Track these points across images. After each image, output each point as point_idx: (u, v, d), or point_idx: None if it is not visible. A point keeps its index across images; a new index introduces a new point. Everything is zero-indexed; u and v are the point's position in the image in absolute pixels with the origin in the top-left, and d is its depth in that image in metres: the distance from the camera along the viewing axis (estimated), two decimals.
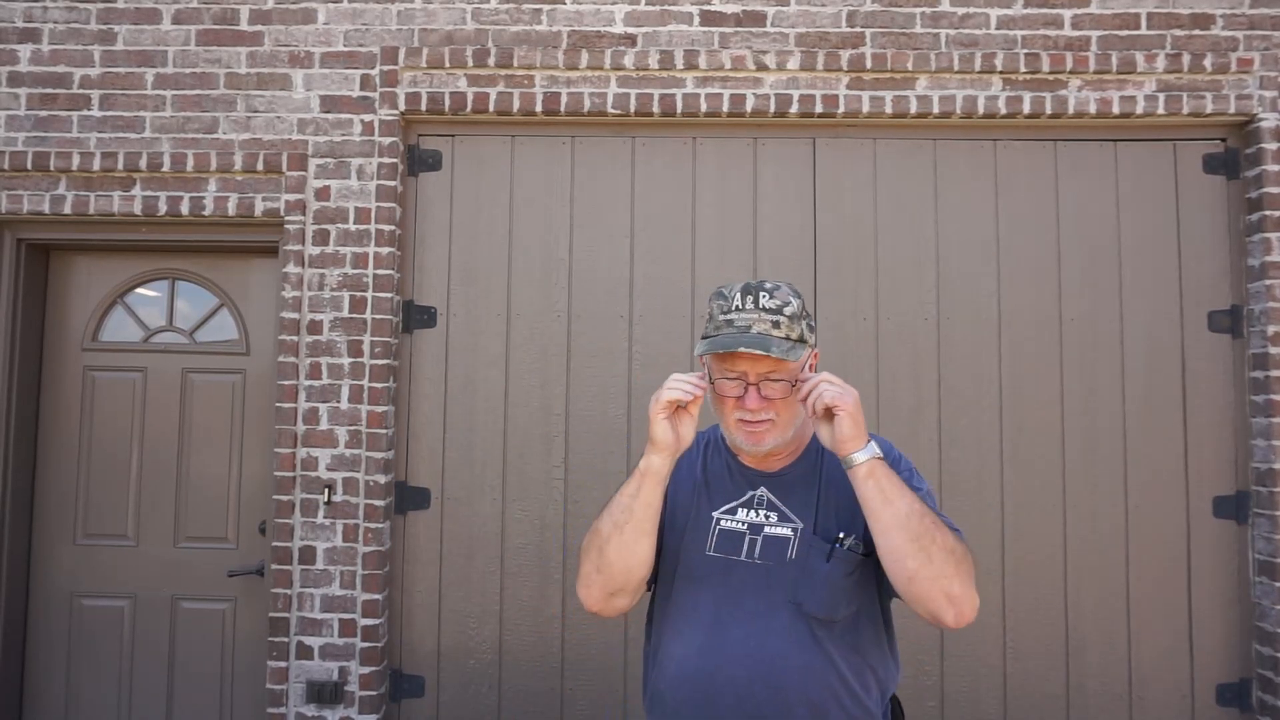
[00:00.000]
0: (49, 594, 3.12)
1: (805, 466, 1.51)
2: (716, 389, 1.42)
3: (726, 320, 1.39)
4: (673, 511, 1.50)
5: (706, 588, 1.45)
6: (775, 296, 1.40)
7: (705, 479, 1.53)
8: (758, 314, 1.38)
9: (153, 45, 3.05)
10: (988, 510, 2.95)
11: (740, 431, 1.42)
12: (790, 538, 1.45)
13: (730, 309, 1.40)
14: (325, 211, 3.00)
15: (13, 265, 3.07)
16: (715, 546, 1.47)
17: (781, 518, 1.47)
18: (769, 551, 1.44)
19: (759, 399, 1.39)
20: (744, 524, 1.48)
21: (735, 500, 1.50)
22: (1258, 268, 2.93)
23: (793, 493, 1.48)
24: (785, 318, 1.39)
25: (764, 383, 1.38)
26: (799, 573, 1.42)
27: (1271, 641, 2.82)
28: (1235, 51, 2.97)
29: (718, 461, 1.55)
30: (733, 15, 3.02)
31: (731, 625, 1.41)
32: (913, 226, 3.04)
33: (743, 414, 1.40)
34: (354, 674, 2.87)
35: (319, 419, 2.95)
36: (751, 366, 1.38)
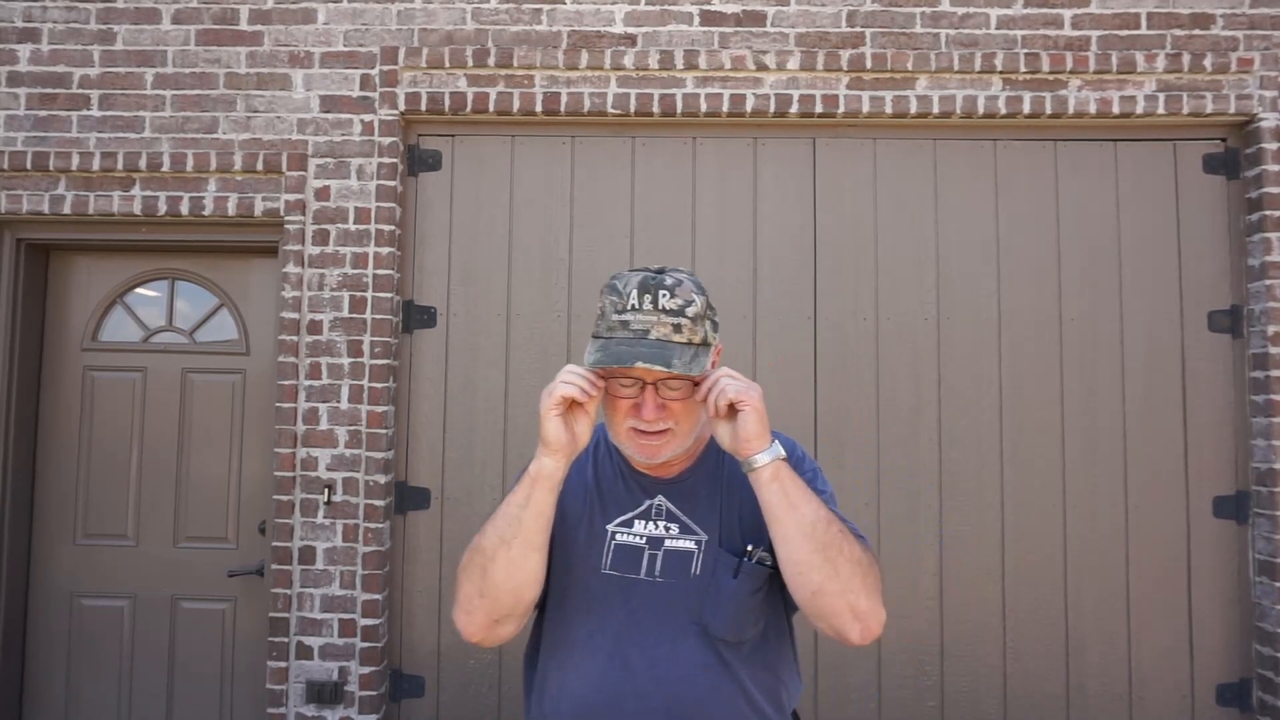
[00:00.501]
0: (49, 594, 3.12)
1: (706, 471, 1.37)
2: (609, 391, 1.25)
3: (621, 321, 1.22)
4: (562, 523, 1.33)
5: (603, 611, 1.29)
6: (676, 295, 1.22)
7: (597, 486, 1.37)
8: (656, 316, 1.21)
9: (152, 45, 3.05)
10: (988, 510, 2.95)
11: (633, 442, 1.27)
12: (694, 551, 1.31)
13: (625, 307, 1.22)
14: (325, 211, 3.00)
15: (12, 265, 3.07)
16: (611, 564, 1.31)
17: (683, 529, 1.32)
18: (671, 568, 1.30)
19: (656, 406, 1.23)
20: (642, 538, 1.32)
21: (631, 511, 1.34)
22: (1258, 268, 2.93)
23: (694, 501, 1.34)
24: (688, 319, 1.22)
25: (662, 387, 1.24)
26: (704, 590, 1.28)
27: (1271, 641, 2.82)
28: (1235, 51, 2.97)
29: (609, 466, 1.39)
30: (733, 15, 3.02)
31: (633, 653, 1.26)
32: (913, 226, 3.04)
33: (637, 423, 1.24)
34: (354, 674, 2.87)
35: (319, 419, 2.95)
36: (648, 372, 1.21)
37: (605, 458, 1.40)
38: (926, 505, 2.95)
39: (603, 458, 1.40)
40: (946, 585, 2.93)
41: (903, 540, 2.94)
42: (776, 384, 2.99)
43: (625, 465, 1.37)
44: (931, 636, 2.91)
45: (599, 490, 1.37)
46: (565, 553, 1.33)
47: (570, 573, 1.33)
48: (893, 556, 2.93)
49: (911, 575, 2.93)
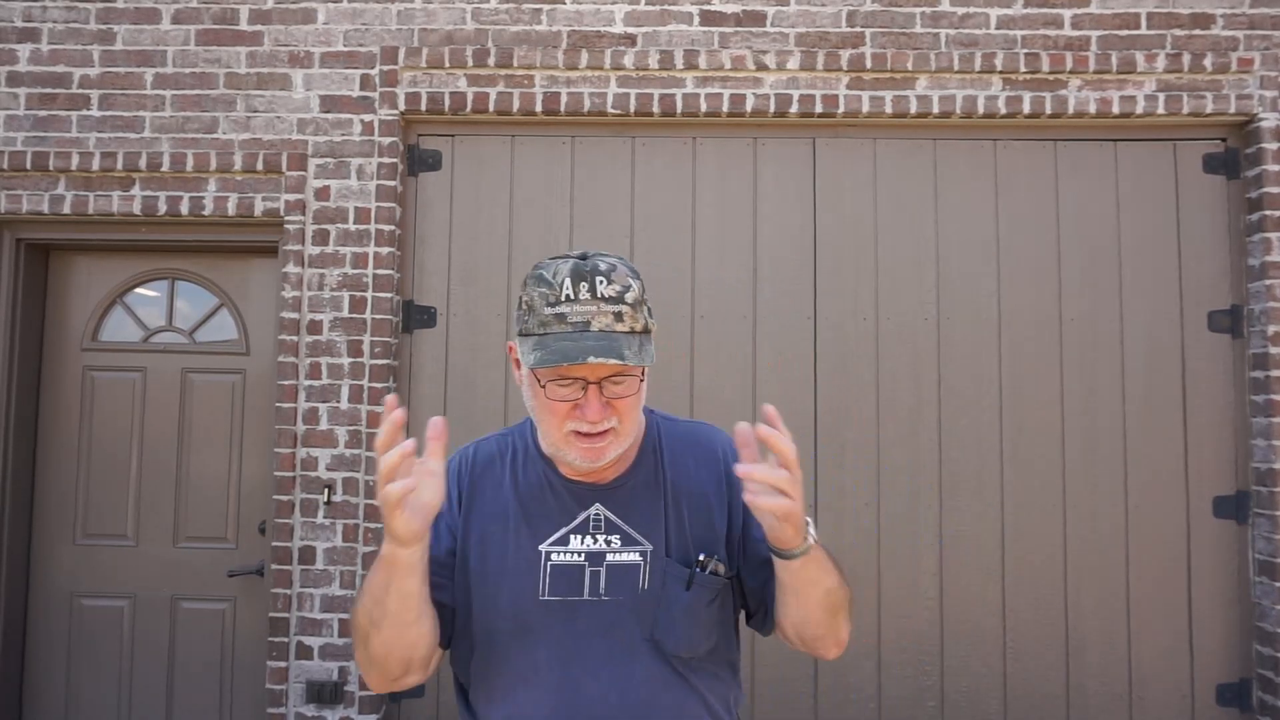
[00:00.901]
0: (49, 594, 3.12)
1: (645, 472, 1.23)
2: (546, 395, 1.11)
3: (556, 315, 1.09)
4: (482, 556, 1.19)
5: (545, 640, 1.16)
6: (613, 280, 1.10)
7: (520, 504, 1.21)
8: (595, 305, 1.09)
9: (152, 45, 3.05)
10: (988, 510, 2.95)
11: (574, 447, 1.13)
12: (639, 564, 1.19)
13: (559, 299, 1.09)
14: (325, 211, 3.00)
15: (12, 265, 3.07)
16: (549, 589, 1.17)
17: (626, 540, 1.20)
18: (616, 584, 1.18)
19: (601, 406, 1.10)
20: (580, 555, 1.19)
21: (565, 526, 1.20)
22: (1258, 268, 2.93)
23: (635, 507, 1.21)
24: (628, 306, 1.10)
25: (607, 384, 1.10)
26: (655, 605, 1.17)
27: (1271, 641, 2.82)
28: (1235, 51, 2.97)
29: (532, 476, 1.23)
30: (733, 15, 3.02)
31: (584, 680, 1.15)
32: (913, 226, 3.04)
33: (579, 425, 1.11)
34: (354, 674, 2.87)
35: (319, 419, 2.95)
36: (592, 369, 1.09)
37: (526, 468, 1.24)
38: (926, 505, 2.95)
39: (522, 467, 1.24)
40: (946, 585, 2.93)
41: (903, 540, 2.94)
42: (776, 384, 2.99)
43: (552, 473, 1.22)
44: (931, 637, 2.91)
45: (523, 508, 1.21)
46: (490, 585, 1.19)
47: (498, 606, 1.18)
48: (893, 556, 2.93)
49: (911, 575, 2.93)
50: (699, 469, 1.25)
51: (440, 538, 1.20)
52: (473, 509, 1.22)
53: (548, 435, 1.16)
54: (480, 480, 1.24)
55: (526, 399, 1.18)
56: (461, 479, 1.24)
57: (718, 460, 1.26)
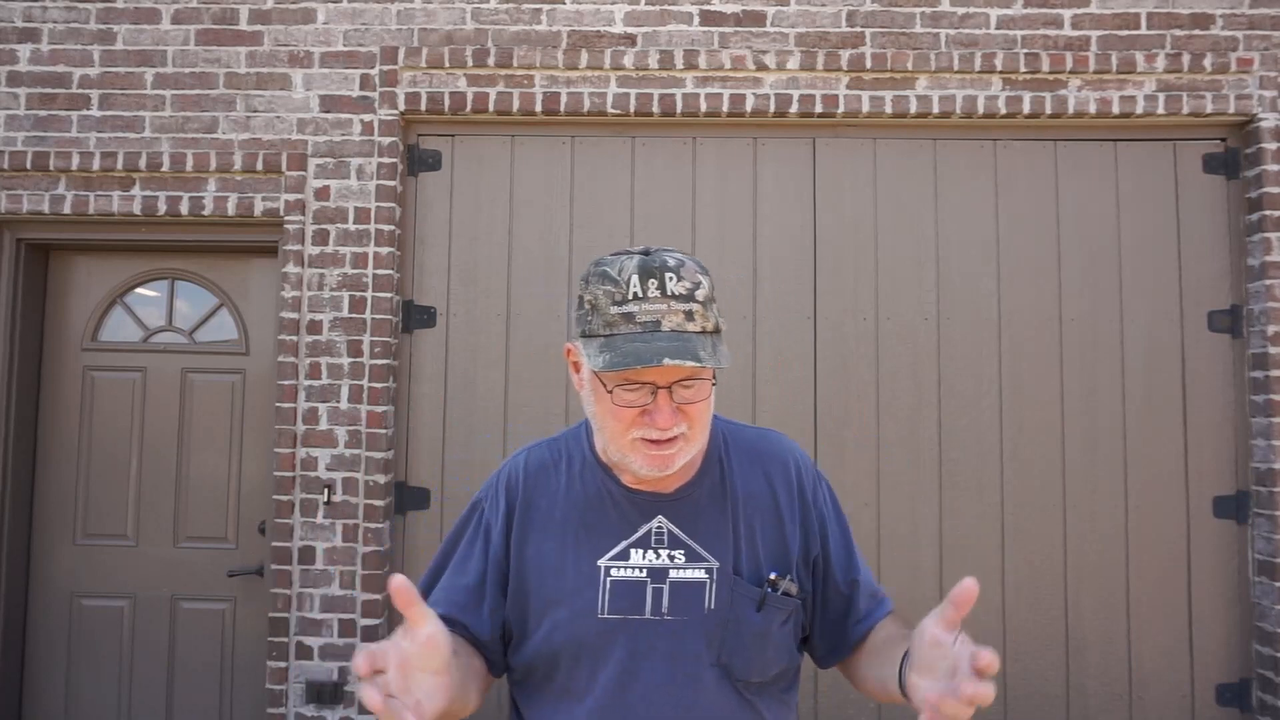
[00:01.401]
0: (49, 594, 3.12)
1: (710, 483, 1.15)
2: (613, 400, 1.04)
3: (623, 314, 1.02)
4: (539, 571, 1.12)
5: (604, 661, 1.09)
6: (683, 277, 1.03)
7: (577, 515, 1.14)
8: (665, 303, 1.01)
9: (152, 45, 3.05)
10: (988, 510, 2.95)
11: (640, 454, 1.05)
12: (705, 582, 1.11)
13: (626, 297, 1.02)
14: (325, 211, 3.00)
15: (12, 265, 3.07)
16: (609, 606, 1.10)
17: (690, 556, 1.11)
18: (680, 602, 1.10)
19: (672, 412, 1.03)
20: (642, 570, 1.11)
21: (625, 539, 1.12)
22: (1258, 268, 2.93)
23: (700, 521, 1.13)
24: (698, 304, 1.03)
25: (677, 388, 1.03)
26: (723, 627, 1.09)
27: (1271, 641, 2.82)
28: (1235, 51, 2.97)
29: (589, 485, 1.15)
30: (733, 15, 3.02)
31: (643, 705, 1.07)
32: (913, 226, 3.04)
33: (646, 432, 1.04)
34: (354, 674, 2.86)
35: (319, 419, 2.95)
36: (662, 373, 1.02)
37: (584, 477, 1.16)
38: (926, 505, 2.95)
39: (580, 476, 1.16)
40: (946, 585, 2.93)
41: (903, 540, 2.94)
42: (776, 384, 2.99)
43: (612, 482, 1.15)
44: None
45: (581, 520, 1.14)
46: (547, 602, 1.11)
47: (555, 623, 1.11)
48: (893, 556, 2.93)
49: (911, 575, 2.93)
50: (770, 480, 1.17)
51: (473, 564, 1.14)
52: (527, 523, 1.14)
53: (612, 442, 1.08)
54: (533, 492, 1.16)
55: (587, 404, 1.11)
56: (512, 493, 1.17)
57: (790, 472, 1.18)
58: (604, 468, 1.15)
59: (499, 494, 1.17)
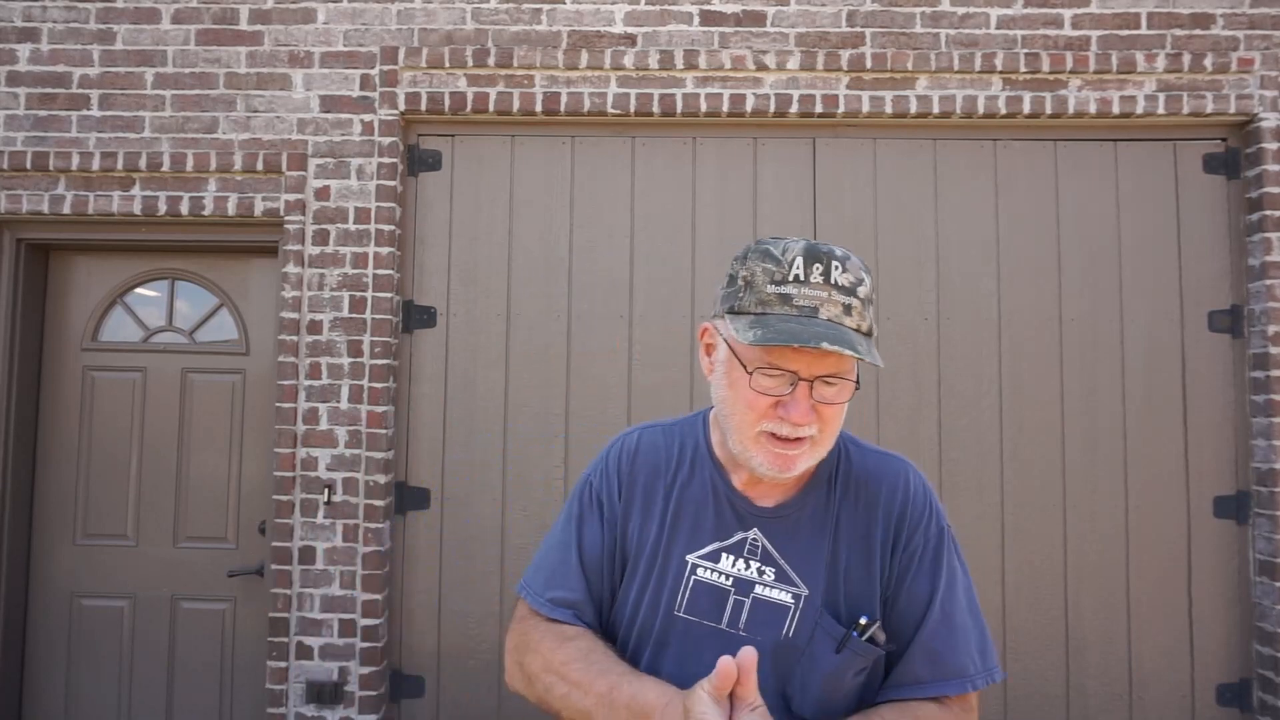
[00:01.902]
0: (49, 594, 3.12)
1: (815, 504, 1.09)
2: (750, 383, 0.99)
3: (780, 295, 0.97)
4: (636, 552, 1.11)
5: (668, 659, 1.06)
6: (848, 270, 0.98)
7: (679, 504, 1.11)
8: (826, 291, 0.96)
9: (152, 45, 3.05)
10: (988, 510, 2.95)
11: (764, 451, 1.00)
12: (790, 607, 1.04)
13: (787, 278, 0.97)
14: (325, 211, 3.00)
15: (12, 265, 3.07)
16: (687, 605, 1.06)
17: (780, 576, 1.06)
18: (759, 622, 1.04)
19: (809, 408, 0.97)
20: (728, 578, 1.06)
21: (719, 541, 1.08)
22: (1258, 268, 2.93)
23: (797, 542, 1.07)
24: (859, 300, 0.98)
25: (818, 384, 0.97)
26: (796, 658, 1.03)
27: (1271, 641, 2.82)
28: (1235, 51, 2.97)
29: (698, 478, 1.12)
30: (733, 15, 3.02)
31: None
32: (913, 226, 3.04)
33: (779, 426, 0.98)
34: (354, 674, 2.87)
35: (319, 419, 2.95)
36: (808, 365, 0.96)
37: (694, 466, 1.13)
38: None
39: (690, 465, 1.13)
40: None
41: None
42: None
43: (720, 480, 1.10)
44: None
45: (681, 510, 1.10)
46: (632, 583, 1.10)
47: (637, 607, 1.09)
48: None
49: None
50: (875, 510, 1.09)
51: (597, 534, 1.13)
52: (632, 502, 1.12)
53: (738, 432, 1.02)
54: (640, 471, 1.13)
55: (717, 389, 1.05)
56: (622, 469, 1.14)
57: (894, 502, 1.10)
58: (715, 463, 1.12)
59: (610, 469, 1.15)
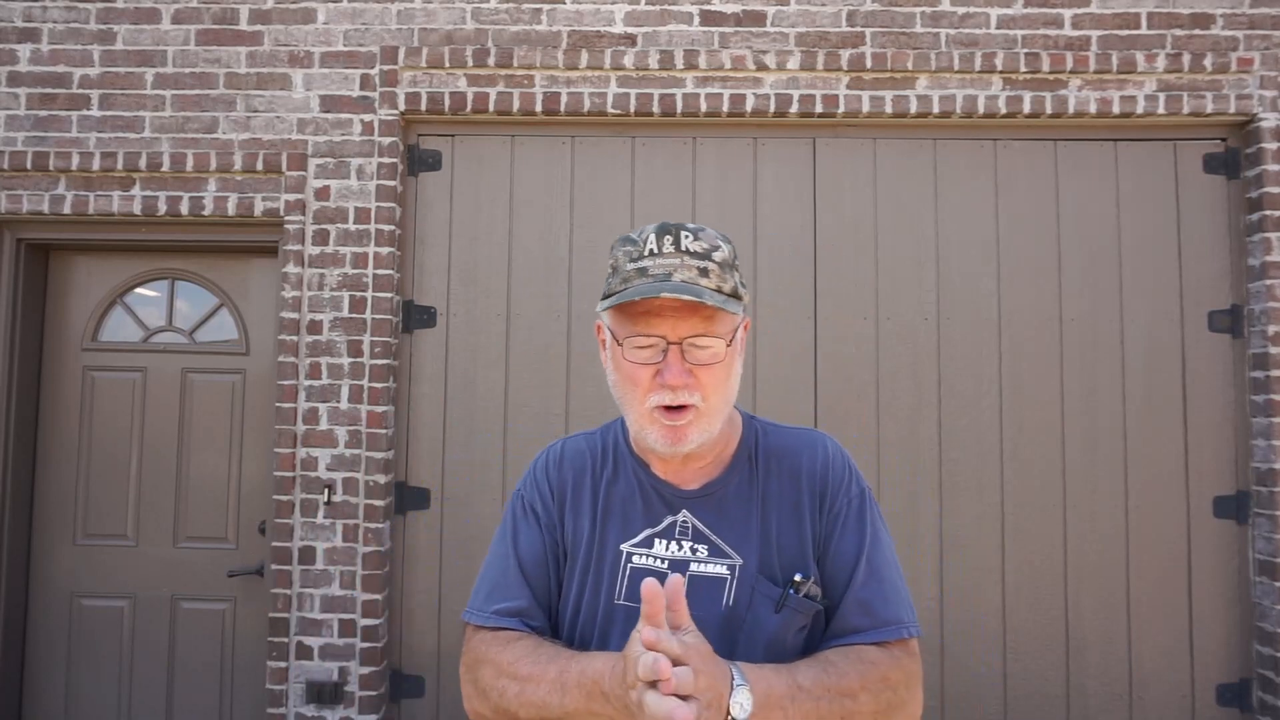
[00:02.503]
0: (49, 594, 3.12)
1: (739, 480, 1.15)
2: (626, 360, 1.06)
3: (639, 269, 1.05)
4: (573, 552, 1.15)
5: (612, 646, 1.07)
6: (700, 239, 1.06)
7: (607, 500, 1.16)
8: (680, 258, 1.04)
9: (152, 45, 3.05)
10: (988, 510, 2.95)
11: (656, 425, 1.06)
12: (726, 579, 1.09)
13: (642, 254, 1.06)
14: (325, 211, 3.00)
15: (12, 265, 3.07)
16: (626, 593, 1.10)
17: (713, 551, 1.10)
18: (698, 598, 1.06)
19: (683, 370, 1.03)
20: (663, 560, 1.11)
21: (650, 528, 1.13)
22: (1258, 268, 2.93)
23: (726, 517, 1.12)
24: (715, 264, 1.05)
25: (690, 348, 1.04)
26: (737, 627, 1.07)
27: (1271, 641, 2.82)
28: (1235, 51, 2.97)
29: (621, 474, 1.18)
30: (733, 15, 3.02)
31: None
32: (913, 226, 3.04)
33: (661, 395, 1.04)
34: (354, 674, 2.87)
35: (319, 419, 2.95)
36: (673, 327, 1.03)
37: (617, 464, 1.19)
38: (926, 505, 2.95)
39: (613, 464, 1.20)
40: (946, 585, 2.93)
41: (903, 540, 2.94)
42: (777, 384, 2.99)
43: (643, 472, 1.17)
44: (932, 636, 2.91)
45: (610, 506, 1.16)
46: (572, 582, 1.14)
47: (578, 604, 1.13)
48: None
49: (911, 575, 2.92)
50: (797, 479, 1.15)
51: (535, 538, 1.16)
52: (564, 506, 1.17)
53: (631, 411, 1.09)
54: (569, 475, 1.19)
55: (611, 379, 1.11)
56: (550, 476, 1.20)
57: (816, 468, 1.16)
58: (637, 458, 1.18)
59: (537, 478, 1.21)
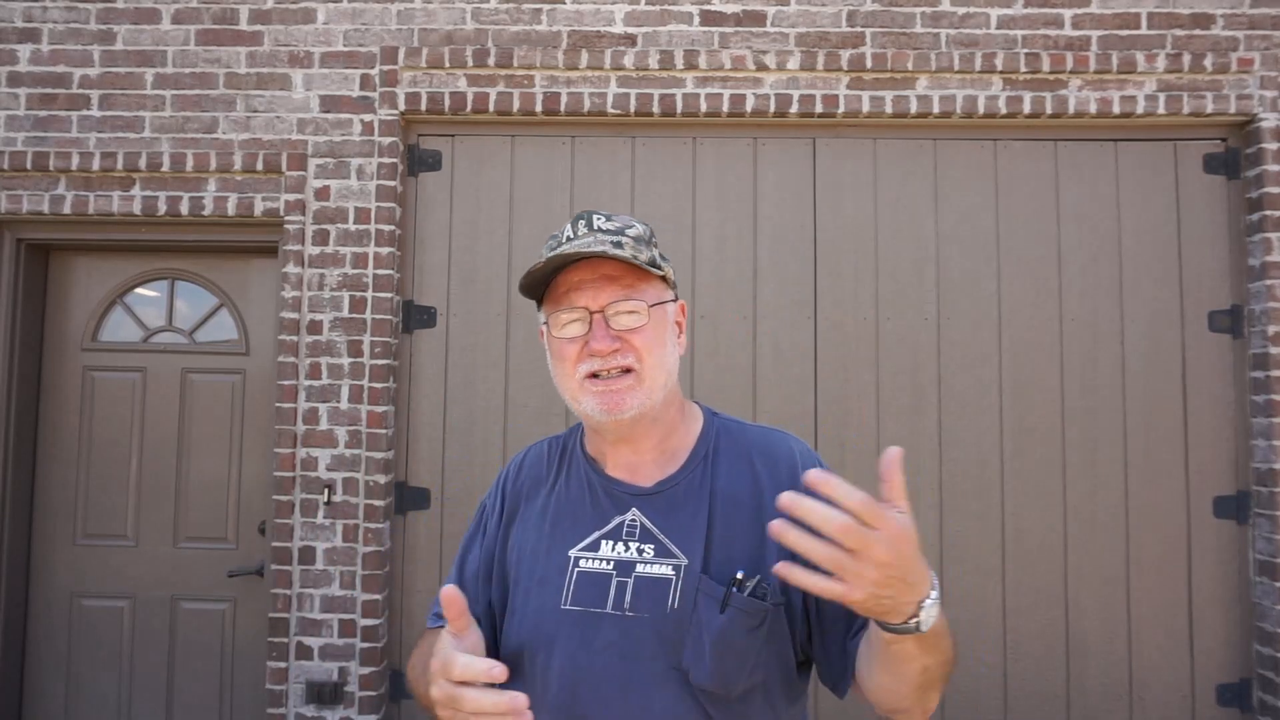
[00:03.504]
0: (49, 594, 3.12)
1: (691, 479, 1.11)
2: (554, 337, 1.08)
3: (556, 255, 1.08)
4: (519, 564, 1.13)
5: (560, 654, 1.04)
6: (614, 220, 1.09)
7: (558, 505, 1.14)
8: (593, 236, 1.07)
9: (152, 45, 3.05)
10: (988, 510, 2.95)
11: (591, 395, 1.05)
12: (671, 579, 1.04)
13: (561, 242, 1.09)
14: (325, 211, 3.00)
15: (13, 265, 3.07)
16: (572, 598, 1.06)
17: (660, 551, 1.06)
18: (643, 599, 1.04)
19: (608, 334, 1.04)
20: (609, 562, 1.07)
21: (598, 530, 1.10)
22: (1258, 268, 2.93)
23: (675, 516, 1.08)
24: (629, 239, 1.07)
25: (614, 315, 1.05)
26: (682, 628, 1.02)
27: (1271, 641, 2.82)
28: (1235, 51, 2.97)
29: (575, 476, 1.16)
30: (733, 15, 3.02)
31: (594, 709, 1.02)
32: (913, 226, 3.04)
33: (590, 363, 1.05)
34: (354, 674, 2.87)
35: (319, 419, 2.94)
36: (593, 297, 1.05)
37: (570, 466, 1.17)
38: (926, 505, 2.95)
39: (567, 467, 1.18)
40: (947, 585, 2.93)
41: None
42: (776, 384, 2.99)
43: (594, 473, 1.14)
44: None
45: (560, 511, 1.13)
46: (521, 593, 1.11)
47: (526, 615, 1.09)
48: None
49: None
50: (758, 480, 1.10)
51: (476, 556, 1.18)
52: (515, 519, 1.17)
53: (566, 388, 1.09)
54: (526, 485, 1.18)
55: (550, 369, 1.12)
56: (508, 487, 1.20)
57: (787, 468, 1.11)
58: (589, 459, 1.16)
59: (498, 489, 1.22)
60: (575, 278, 1.06)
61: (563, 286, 1.07)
